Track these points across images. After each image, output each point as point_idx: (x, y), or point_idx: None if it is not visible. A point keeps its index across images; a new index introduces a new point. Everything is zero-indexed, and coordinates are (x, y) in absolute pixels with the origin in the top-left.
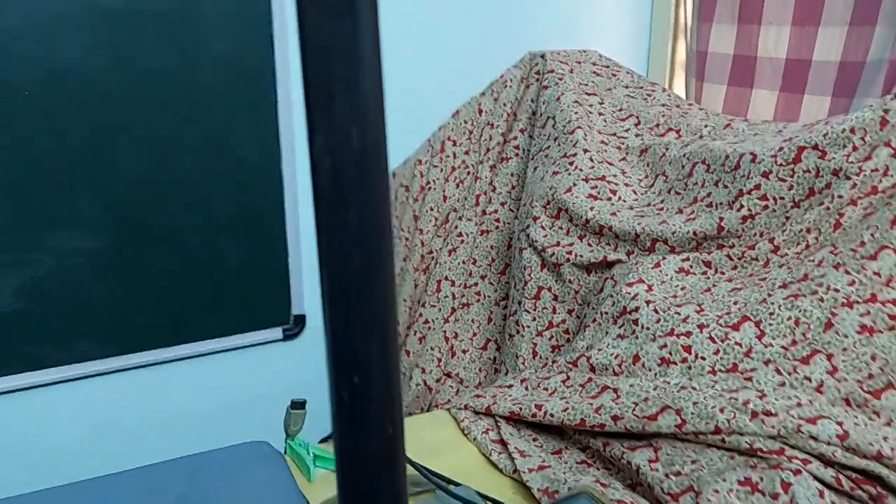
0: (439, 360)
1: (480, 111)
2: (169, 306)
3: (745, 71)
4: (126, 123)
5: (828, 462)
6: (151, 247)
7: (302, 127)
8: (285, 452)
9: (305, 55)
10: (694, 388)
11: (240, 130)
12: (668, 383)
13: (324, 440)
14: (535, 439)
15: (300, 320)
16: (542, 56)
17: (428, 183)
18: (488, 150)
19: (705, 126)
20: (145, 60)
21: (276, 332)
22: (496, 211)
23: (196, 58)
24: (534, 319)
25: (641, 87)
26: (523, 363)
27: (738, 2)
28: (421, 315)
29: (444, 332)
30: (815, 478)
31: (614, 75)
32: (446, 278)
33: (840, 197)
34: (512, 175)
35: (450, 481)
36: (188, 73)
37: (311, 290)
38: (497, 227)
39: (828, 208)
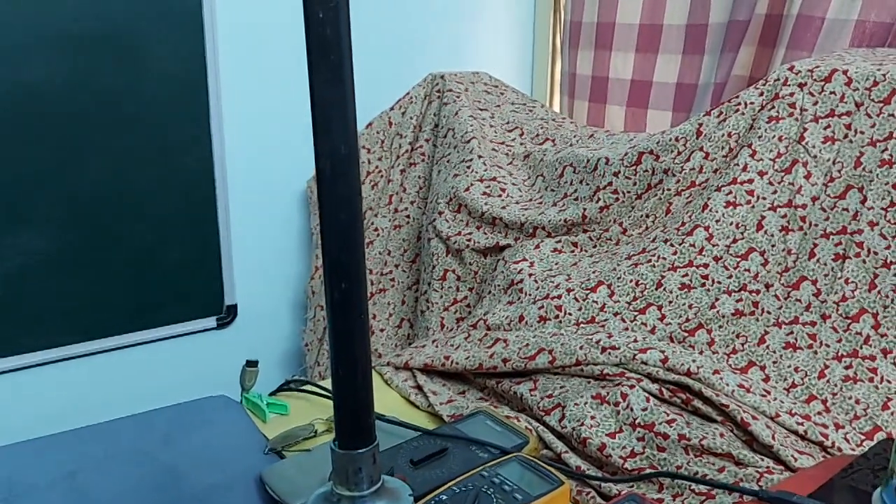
0: None
1: (390, 123)
2: (116, 300)
3: (601, 89)
4: (79, 136)
5: (654, 379)
6: (101, 247)
7: (233, 138)
8: (241, 403)
9: (314, 105)
10: (562, 335)
11: (178, 141)
12: (544, 332)
13: (273, 393)
14: (444, 384)
15: (232, 310)
16: (442, 77)
17: None
18: (398, 156)
19: (574, 136)
20: (99, 79)
21: (211, 322)
22: (406, 209)
23: (142, 77)
24: (441, 297)
25: (525, 104)
26: (433, 334)
27: (595, 32)
28: None
29: None
30: (644, 390)
31: (502, 94)
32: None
33: (669, 190)
34: (419, 178)
35: (381, 415)
36: (136, 89)
37: (241, 283)
38: (408, 223)
39: (660, 198)
